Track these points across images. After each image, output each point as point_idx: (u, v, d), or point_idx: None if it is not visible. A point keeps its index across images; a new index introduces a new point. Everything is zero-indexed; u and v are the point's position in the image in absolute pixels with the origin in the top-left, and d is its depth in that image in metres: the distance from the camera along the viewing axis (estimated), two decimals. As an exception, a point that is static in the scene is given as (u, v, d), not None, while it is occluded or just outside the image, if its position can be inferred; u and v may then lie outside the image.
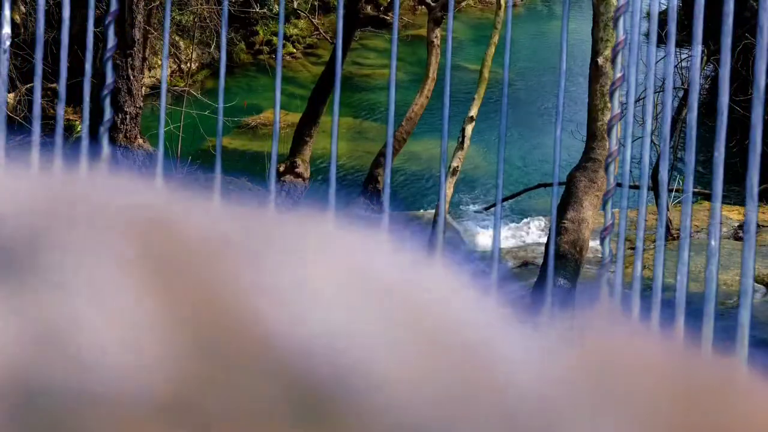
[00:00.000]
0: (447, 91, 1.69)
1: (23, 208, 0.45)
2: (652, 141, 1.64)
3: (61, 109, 1.64)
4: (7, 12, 1.53)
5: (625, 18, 1.72)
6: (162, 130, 1.76)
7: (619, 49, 1.70)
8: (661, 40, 1.76)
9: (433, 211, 11.16)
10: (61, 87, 1.60)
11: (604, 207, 1.69)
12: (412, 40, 17.16)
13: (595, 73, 8.39)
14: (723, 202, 1.63)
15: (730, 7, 1.47)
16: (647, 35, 1.78)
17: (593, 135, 8.51)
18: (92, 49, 1.78)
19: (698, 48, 1.55)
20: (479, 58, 11.16)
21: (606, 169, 1.66)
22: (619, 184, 1.66)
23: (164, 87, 1.74)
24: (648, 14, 1.75)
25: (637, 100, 1.83)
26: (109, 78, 1.73)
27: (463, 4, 20.01)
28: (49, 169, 0.51)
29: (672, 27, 1.62)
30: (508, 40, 1.75)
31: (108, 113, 1.71)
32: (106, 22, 1.73)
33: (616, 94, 1.72)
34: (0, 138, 1.55)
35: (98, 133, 1.71)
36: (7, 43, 1.54)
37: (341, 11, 1.83)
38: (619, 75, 1.70)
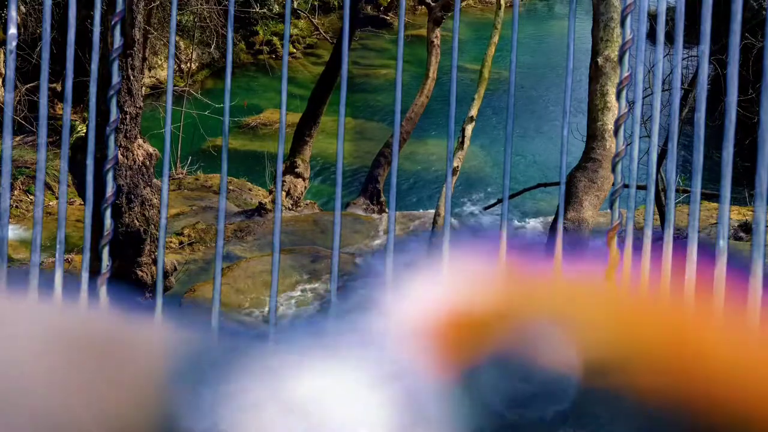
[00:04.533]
0: (453, 91, 1.69)
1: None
2: (647, 138, 1.64)
3: (67, 112, 1.64)
4: (13, 12, 1.52)
5: (632, 17, 1.72)
6: (169, 129, 1.76)
7: (626, 48, 1.70)
8: (660, 41, 1.76)
9: (432, 211, 11.16)
10: (67, 89, 1.60)
11: (611, 207, 1.69)
12: (412, 40, 17.15)
13: (595, 73, 8.37)
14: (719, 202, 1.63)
15: (738, 6, 1.47)
16: (649, 35, 1.79)
17: (593, 135, 8.49)
18: (97, 49, 1.78)
19: (706, 47, 1.55)
20: (479, 58, 11.16)
21: (613, 169, 1.66)
22: (626, 186, 1.66)
23: (170, 87, 1.74)
24: (653, 14, 1.75)
25: (644, 97, 1.82)
26: (115, 78, 1.73)
27: (463, 4, 20.00)
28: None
29: (680, 26, 1.63)
30: (514, 39, 1.75)
31: (114, 114, 1.70)
32: (112, 22, 1.72)
33: (623, 94, 1.72)
34: (7, 139, 1.55)
35: (104, 133, 1.71)
36: (14, 43, 1.54)
37: (348, 12, 1.83)
38: (626, 74, 1.70)
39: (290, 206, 11.84)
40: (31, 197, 10.83)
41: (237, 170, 13.18)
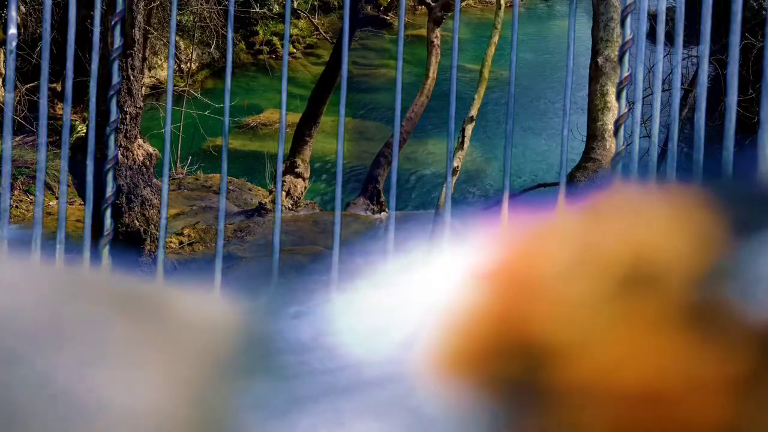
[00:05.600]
0: (453, 91, 1.69)
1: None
2: (648, 138, 1.64)
3: (67, 112, 1.64)
4: (13, 12, 1.52)
5: (632, 17, 1.72)
6: (169, 129, 1.77)
7: (626, 48, 1.70)
8: (660, 41, 1.76)
9: (432, 211, 11.15)
10: (67, 89, 1.60)
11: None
12: (412, 40, 17.15)
13: (595, 73, 8.36)
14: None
15: (738, 6, 1.47)
16: (649, 35, 1.78)
17: (593, 135, 8.48)
18: (97, 50, 1.78)
19: (706, 47, 1.55)
20: (479, 58, 11.16)
21: (613, 169, 1.66)
22: (626, 184, 1.66)
23: (170, 87, 1.74)
24: (653, 14, 1.75)
25: (644, 97, 1.82)
26: (115, 78, 1.73)
27: (463, 4, 20.01)
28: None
29: (680, 26, 1.63)
30: (514, 39, 1.75)
31: (114, 114, 1.70)
32: (113, 23, 1.72)
33: (623, 94, 1.72)
34: (7, 139, 1.55)
35: (104, 133, 1.71)
36: (14, 43, 1.54)
37: (348, 12, 1.83)
38: (626, 74, 1.70)
39: (290, 206, 11.84)
40: (31, 197, 10.83)
41: (237, 170, 13.18)
